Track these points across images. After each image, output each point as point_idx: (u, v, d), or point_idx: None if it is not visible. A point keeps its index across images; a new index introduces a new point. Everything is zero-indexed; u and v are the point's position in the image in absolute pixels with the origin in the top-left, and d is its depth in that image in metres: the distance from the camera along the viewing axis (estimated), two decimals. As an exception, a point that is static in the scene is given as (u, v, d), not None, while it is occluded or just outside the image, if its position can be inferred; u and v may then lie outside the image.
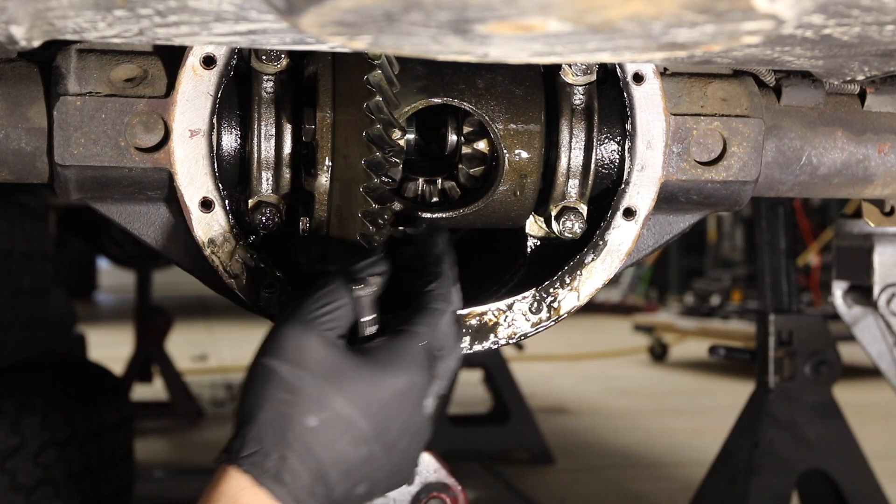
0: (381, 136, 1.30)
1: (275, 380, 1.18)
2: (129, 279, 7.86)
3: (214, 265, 1.38)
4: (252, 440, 1.17)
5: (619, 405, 7.96)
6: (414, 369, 1.20)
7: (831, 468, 3.50)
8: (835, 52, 1.21)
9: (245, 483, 1.15)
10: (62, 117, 1.32)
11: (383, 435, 1.19)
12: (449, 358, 1.26)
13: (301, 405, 1.17)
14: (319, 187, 1.31)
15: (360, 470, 1.19)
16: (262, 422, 1.17)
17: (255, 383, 1.20)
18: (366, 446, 1.18)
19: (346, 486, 1.19)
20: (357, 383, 1.18)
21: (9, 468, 3.27)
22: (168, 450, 6.22)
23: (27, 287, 3.73)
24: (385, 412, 1.19)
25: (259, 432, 1.17)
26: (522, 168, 1.43)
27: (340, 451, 1.17)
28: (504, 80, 1.43)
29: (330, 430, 1.17)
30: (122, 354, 7.15)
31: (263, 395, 1.18)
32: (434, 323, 1.24)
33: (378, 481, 1.22)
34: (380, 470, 1.21)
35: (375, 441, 1.19)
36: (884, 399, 5.03)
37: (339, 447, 1.17)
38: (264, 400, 1.18)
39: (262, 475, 1.15)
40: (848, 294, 2.50)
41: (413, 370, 1.20)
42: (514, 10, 0.71)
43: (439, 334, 1.24)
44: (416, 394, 1.21)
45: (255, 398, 1.19)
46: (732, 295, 11.42)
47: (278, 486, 1.15)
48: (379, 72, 1.29)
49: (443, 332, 1.25)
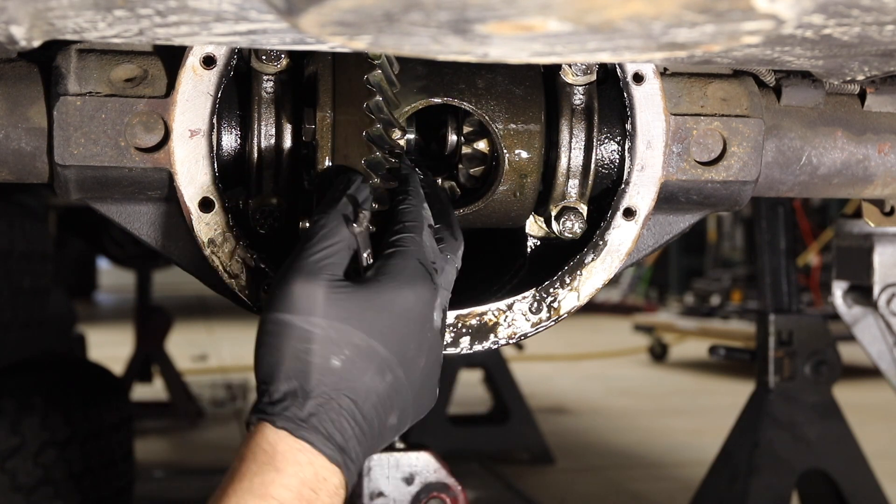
0: (381, 136, 1.30)
1: (290, 332, 1.18)
2: (129, 279, 7.86)
3: (214, 265, 1.38)
4: (280, 394, 1.17)
5: (619, 405, 7.96)
6: (417, 282, 1.22)
7: (831, 468, 3.50)
8: (835, 52, 1.21)
9: (282, 437, 1.15)
10: (62, 117, 1.32)
11: (403, 357, 1.20)
12: (446, 269, 1.28)
13: (321, 351, 1.17)
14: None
15: (389, 398, 1.20)
16: (286, 375, 1.17)
17: (271, 339, 1.19)
18: (391, 372, 1.20)
19: (380, 418, 1.20)
20: (369, 314, 1.19)
21: (9, 468, 3.27)
22: (168, 450, 6.22)
23: (27, 287, 3.73)
24: (400, 334, 1.20)
25: (286, 386, 1.17)
26: (522, 168, 1.43)
27: (369, 384, 1.18)
28: (504, 80, 1.43)
29: (355, 366, 1.18)
30: (122, 354, 7.15)
31: (281, 349, 1.18)
32: (415, 239, 1.25)
33: (406, 407, 1.23)
34: (406, 394, 1.22)
35: (398, 365, 1.20)
36: (884, 399, 5.03)
37: (367, 380, 1.18)
38: (283, 354, 1.18)
39: (298, 427, 1.15)
40: (848, 294, 2.50)
41: (416, 283, 1.21)
42: (514, 10, 0.71)
43: (425, 249, 1.25)
44: (424, 306, 1.22)
45: (273, 354, 1.18)
46: (732, 295, 11.42)
47: (315, 434, 1.15)
48: (379, 72, 1.29)
49: (428, 246, 1.26)
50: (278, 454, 1.14)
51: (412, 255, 1.23)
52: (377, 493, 1.91)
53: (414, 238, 1.25)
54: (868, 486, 3.51)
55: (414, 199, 1.31)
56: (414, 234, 1.25)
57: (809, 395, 3.53)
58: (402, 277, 1.21)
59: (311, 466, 1.15)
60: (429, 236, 1.27)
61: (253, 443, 1.16)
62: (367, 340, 1.18)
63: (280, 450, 1.14)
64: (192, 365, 9.05)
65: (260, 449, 1.15)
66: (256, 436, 1.16)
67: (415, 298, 1.21)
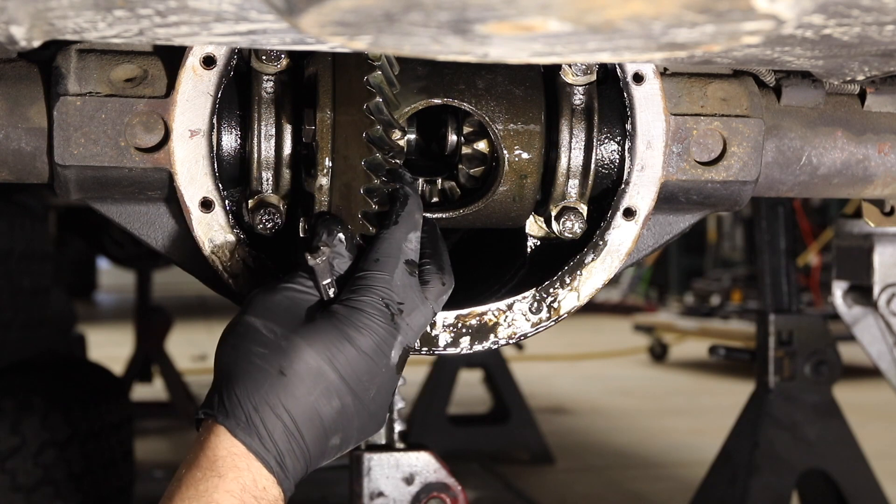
0: (381, 136, 1.30)
1: (248, 333, 1.21)
2: (129, 279, 7.85)
3: (214, 265, 1.38)
4: (228, 393, 1.19)
5: (618, 405, 7.96)
6: (374, 325, 1.22)
7: (831, 468, 3.50)
8: (835, 52, 1.21)
9: (222, 435, 1.17)
10: (62, 117, 1.32)
11: (354, 386, 1.21)
12: (413, 314, 1.26)
13: (272, 358, 1.19)
14: (319, 188, 1.31)
15: (333, 422, 1.21)
16: (237, 374, 1.19)
17: (230, 338, 1.23)
18: (338, 399, 1.20)
19: (321, 440, 1.20)
20: (325, 339, 1.20)
21: (9, 468, 3.27)
22: (168, 450, 6.22)
23: (27, 287, 3.73)
24: (353, 365, 1.21)
25: (234, 385, 1.19)
26: (522, 168, 1.43)
27: (314, 404, 1.19)
28: (504, 80, 1.43)
29: (302, 382, 1.18)
30: (122, 354, 7.15)
31: (238, 348, 1.21)
32: (383, 276, 1.25)
33: (350, 431, 1.24)
34: (352, 420, 1.23)
35: (347, 393, 1.21)
36: (884, 399, 5.03)
37: (312, 399, 1.19)
38: (239, 353, 1.20)
39: (236, 427, 1.16)
40: (848, 294, 2.50)
41: (373, 322, 1.22)
42: (514, 10, 0.71)
43: (395, 287, 1.25)
44: (380, 344, 1.23)
45: (229, 353, 1.21)
46: (732, 295, 11.41)
47: (251, 437, 1.16)
48: (379, 73, 1.29)
49: (398, 285, 1.25)
50: (219, 459, 1.16)
51: (376, 293, 1.24)
52: (377, 493, 1.91)
53: (382, 275, 1.25)
54: (868, 486, 3.51)
55: (401, 228, 1.29)
56: (384, 270, 1.25)
57: (809, 395, 3.53)
58: (360, 315, 1.22)
59: (250, 473, 1.16)
60: (402, 273, 1.26)
61: (197, 445, 1.18)
62: (318, 360, 1.19)
63: (220, 454, 1.16)
64: (192, 365, 9.04)
65: (203, 454, 1.17)
66: (201, 436, 1.19)
67: (370, 336, 1.22)
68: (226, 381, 1.20)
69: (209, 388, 1.23)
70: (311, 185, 1.32)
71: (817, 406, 3.53)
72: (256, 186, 1.38)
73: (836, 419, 3.54)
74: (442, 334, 1.43)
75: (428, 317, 1.29)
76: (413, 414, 5.76)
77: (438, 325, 1.43)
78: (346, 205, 1.32)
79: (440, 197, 1.50)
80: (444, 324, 1.43)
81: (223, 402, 1.19)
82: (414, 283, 1.27)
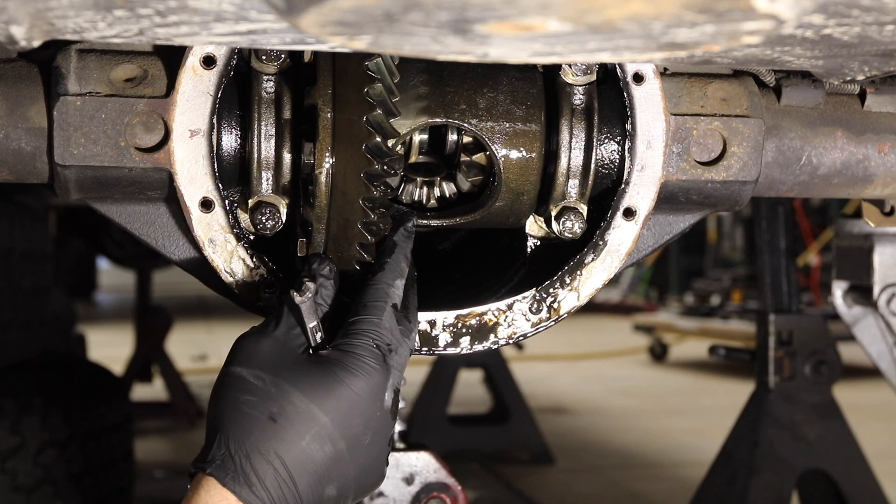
0: (379, 146, 1.30)
1: (236, 383, 1.20)
2: (129, 279, 7.86)
3: (214, 265, 1.38)
4: (218, 444, 1.18)
5: (618, 405, 7.96)
6: (369, 365, 1.22)
7: (831, 468, 3.50)
8: (835, 52, 1.21)
9: (213, 488, 1.15)
10: (62, 117, 1.32)
11: (347, 431, 1.20)
12: (399, 351, 1.27)
13: (262, 405, 1.18)
14: (318, 218, 1.31)
15: (327, 469, 1.19)
16: (226, 424, 1.19)
17: (219, 390, 1.22)
18: (331, 444, 1.19)
19: (314, 487, 1.19)
20: (313, 383, 1.20)
21: (9, 468, 3.27)
22: (168, 450, 6.22)
23: (27, 287, 3.72)
24: (346, 409, 1.20)
25: (224, 436, 1.18)
26: (520, 187, 1.44)
27: (305, 449, 1.18)
28: (506, 99, 1.43)
29: (292, 426, 1.18)
30: (122, 354, 7.15)
31: (226, 399, 1.20)
32: (375, 321, 1.26)
33: (347, 482, 1.22)
34: (348, 469, 1.21)
35: (339, 438, 1.20)
36: (884, 399, 5.03)
37: (304, 445, 1.18)
38: (228, 404, 1.20)
39: (227, 477, 1.15)
40: (848, 294, 2.50)
41: (368, 367, 1.22)
42: (514, 10, 0.71)
43: (384, 330, 1.26)
44: (374, 388, 1.22)
45: (219, 405, 1.21)
46: (732, 295, 11.42)
47: (241, 486, 1.15)
48: (379, 85, 1.28)
49: (387, 328, 1.26)
50: None
51: (368, 336, 1.24)
52: (377, 493, 1.91)
53: (373, 320, 1.26)
54: (868, 486, 3.52)
55: (388, 274, 1.31)
56: (375, 316, 1.26)
57: (809, 395, 3.53)
58: (352, 358, 1.22)
59: None
60: (390, 317, 1.28)
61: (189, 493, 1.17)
62: (307, 404, 1.18)
63: None
64: (192, 365, 9.05)
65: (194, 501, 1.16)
66: (192, 490, 1.18)
67: (365, 380, 1.22)
68: (216, 432, 1.19)
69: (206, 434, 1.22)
70: (309, 214, 1.32)
71: (817, 406, 3.53)
72: (256, 186, 1.38)
73: (836, 419, 3.54)
74: (442, 334, 1.43)
75: (409, 354, 1.31)
76: (413, 414, 5.76)
77: (438, 325, 1.43)
78: (343, 235, 1.32)
79: (438, 200, 1.50)
80: (444, 324, 1.43)
81: (214, 453, 1.17)
82: (398, 325, 1.29)
